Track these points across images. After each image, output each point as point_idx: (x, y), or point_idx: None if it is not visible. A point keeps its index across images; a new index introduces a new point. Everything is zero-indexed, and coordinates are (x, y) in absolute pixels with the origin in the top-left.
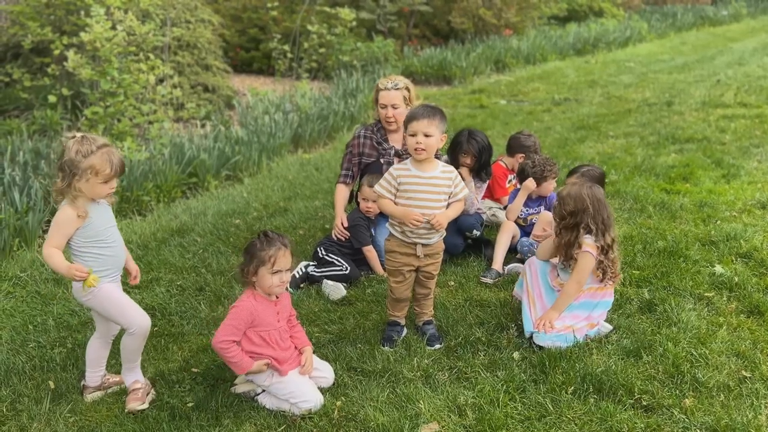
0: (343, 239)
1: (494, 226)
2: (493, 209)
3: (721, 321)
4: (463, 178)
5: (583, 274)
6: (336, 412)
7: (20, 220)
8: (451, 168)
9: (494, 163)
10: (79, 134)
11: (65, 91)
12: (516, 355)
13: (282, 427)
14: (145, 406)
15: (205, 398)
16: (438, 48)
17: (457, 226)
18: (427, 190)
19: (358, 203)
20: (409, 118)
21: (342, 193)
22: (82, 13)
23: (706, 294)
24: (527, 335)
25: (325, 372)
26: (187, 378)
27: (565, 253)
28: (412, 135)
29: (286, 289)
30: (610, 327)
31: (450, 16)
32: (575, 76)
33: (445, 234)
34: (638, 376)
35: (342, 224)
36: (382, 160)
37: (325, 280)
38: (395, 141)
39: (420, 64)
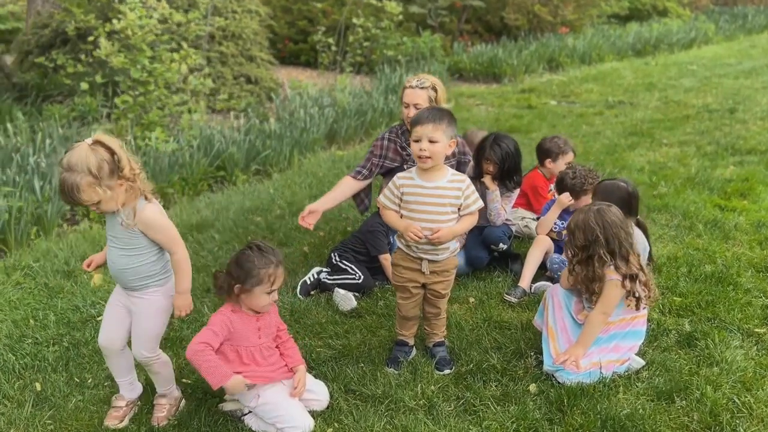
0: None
1: (525, 239)
2: (526, 220)
3: None
4: (486, 187)
5: (610, 305)
6: None
7: (39, 208)
8: (463, 177)
9: (532, 170)
10: (89, 140)
11: (99, 79)
12: (533, 387)
13: None
14: (121, 425)
15: (189, 415)
16: (489, 45)
17: (482, 239)
18: (432, 202)
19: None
20: (414, 122)
21: (346, 183)
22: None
23: (756, 330)
24: (546, 370)
25: (318, 394)
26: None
27: (587, 288)
28: (416, 140)
29: (298, 296)
30: (642, 362)
31: (504, 12)
32: (632, 78)
33: (457, 250)
34: (668, 424)
35: (311, 215)
36: (405, 167)
37: (336, 289)
38: None
39: (469, 60)
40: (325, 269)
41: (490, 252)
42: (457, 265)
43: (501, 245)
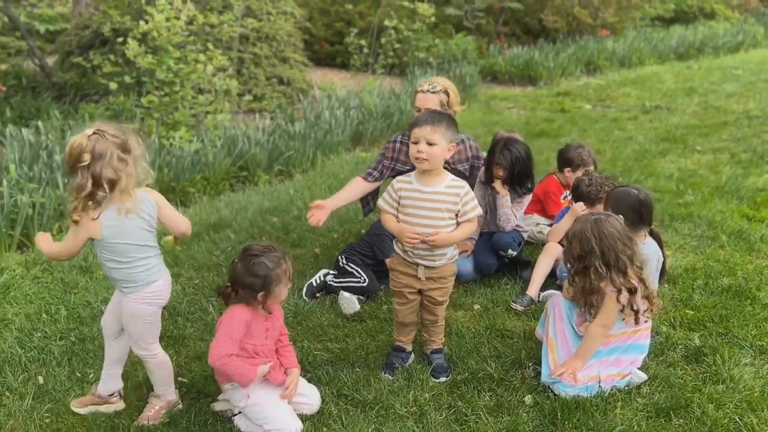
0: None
1: (539, 245)
2: (540, 226)
3: None
4: (496, 192)
5: (609, 318)
6: None
7: (62, 205)
8: (462, 183)
9: (548, 175)
10: (89, 131)
11: (128, 79)
12: (528, 399)
13: None
14: (81, 410)
15: (180, 413)
16: (525, 47)
17: (491, 244)
18: (429, 207)
19: None
20: (412, 124)
21: (356, 183)
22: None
23: None
24: (543, 382)
25: (310, 398)
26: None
27: (585, 300)
28: (415, 142)
29: (304, 298)
30: (644, 376)
31: (542, 14)
32: (672, 82)
33: (455, 257)
34: None
35: (319, 209)
36: None
37: (341, 292)
38: None
39: (504, 63)
40: (332, 271)
41: (500, 258)
42: (455, 272)
43: (510, 251)
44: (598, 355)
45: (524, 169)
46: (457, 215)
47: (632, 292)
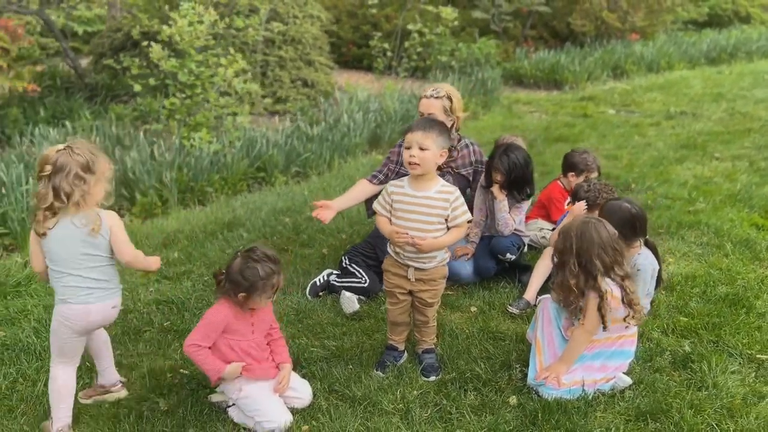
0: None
1: (543, 250)
2: (544, 231)
3: (766, 392)
4: (494, 196)
5: (593, 322)
6: None
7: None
8: (452, 189)
9: (552, 182)
10: (61, 145)
11: (151, 81)
12: (513, 399)
13: None
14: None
15: (179, 403)
16: (552, 51)
17: (490, 248)
18: (419, 211)
19: None
20: (405, 130)
21: (361, 185)
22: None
23: (759, 356)
24: (529, 384)
25: (301, 393)
26: (172, 379)
27: (564, 299)
28: (408, 147)
29: (307, 297)
30: (628, 381)
31: (570, 17)
32: (701, 87)
33: (446, 260)
34: None
35: (326, 209)
36: None
37: (343, 291)
38: None
39: (530, 67)
40: (335, 271)
41: (500, 262)
42: (446, 275)
43: (509, 255)
44: (582, 359)
45: (521, 175)
46: (446, 220)
47: (602, 297)
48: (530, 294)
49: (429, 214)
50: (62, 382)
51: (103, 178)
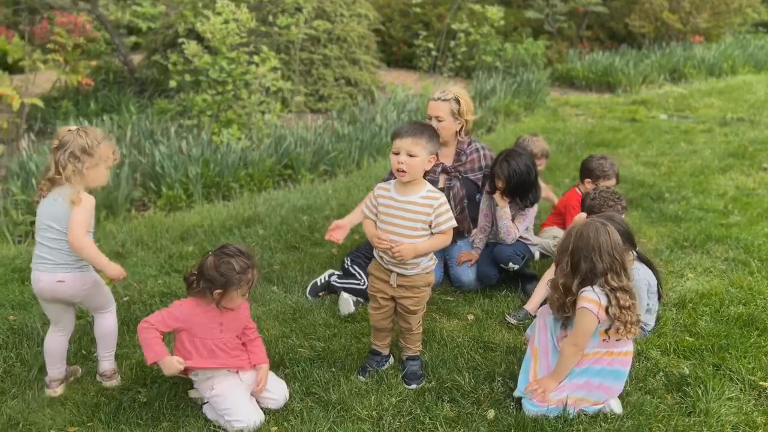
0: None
1: (555, 258)
2: (558, 239)
3: (761, 422)
4: (496, 203)
5: (582, 335)
6: None
7: (111, 194)
8: (438, 195)
9: (571, 189)
10: (73, 126)
11: (188, 77)
12: (491, 413)
13: None
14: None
15: (157, 396)
16: (607, 52)
17: (492, 256)
18: (401, 216)
19: None
20: (394, 135)
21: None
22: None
23: (762, 383)
24: (515, 395)
25: (275, 393)
26: (158, 371)
27: (552, 295)
28: (396, 153)
29: (307, 296)
30: (618, 410)
31: (628, 18)
32: (764, 93)
33: (430, 267)
34: None
35: (337, 230)
36: (426, 178)
37: (341, 293)
38: (444, 157)
39: (582, 68)
40: (337, 272)
41: (502, 270)
42: (431, 283)
43: (511, 264)
44: (570, 375)
45: (522, 182)
46: (431, 226)
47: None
48: (532, 305)
49: (412, 219)
50: (47, 345)
51: (102, 163)
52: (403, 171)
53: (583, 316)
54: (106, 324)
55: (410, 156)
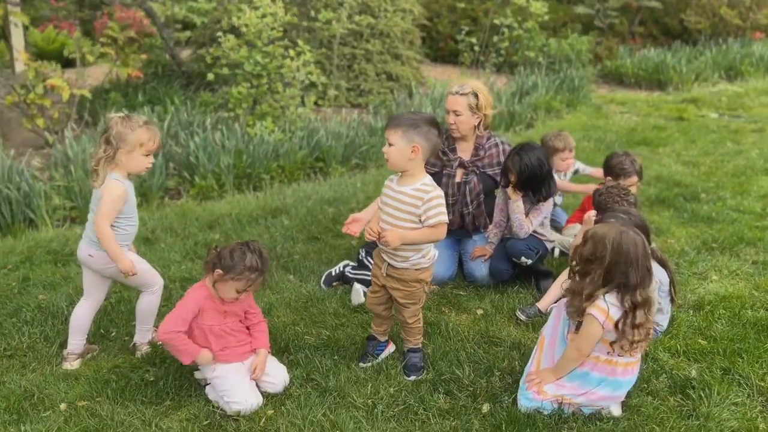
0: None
1: None
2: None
3: (763, 429)
4: (509, 197)
5: (586, 341)
6: (263, 420)
7: (146, 182)
8: (431, 189)
9: (600, 186)
10: (121, 113)
11: (226, 71)
12: (486, 407)
13: (207, 421)
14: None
15: (164, 375)
16: (659, 49)
17: (505, 250)
18: (393, 205)
19: None
20: (385, 124)
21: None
22: None
23: None
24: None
25: (274, 378)
26: (166, 352)
27: (572, 302)
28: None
29: (321, 286)
30: (618, 413)
31: (684, 14)
32: None
33: (421, 264)
34: None
35: (354, 222)
36: (444, 172)
37: (354, 283)
38: (463, 151)
39: (632, 65)
40: (352, 263)
41: (515, 266)
42: (422, 280)
43: (524, 259)
44: (570, 377)
45: (533, 176)
46: (420, 219)
47: (623, 320)
48: (545, 303)
49: (400, 210)
50: (73, 315)
51: (138, 150)
52: (386, 160)
53: (590, 323)
54: (145, 302)
55: (389, 145)
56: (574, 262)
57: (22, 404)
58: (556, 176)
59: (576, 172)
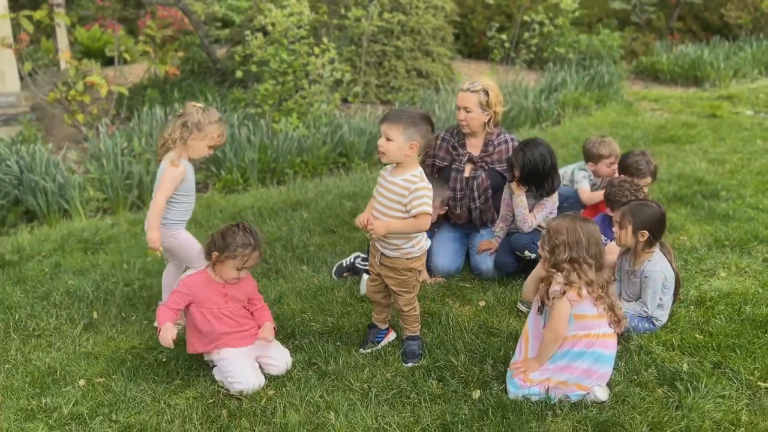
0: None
1: None
2: None
3: (745, 421)
4: (512, 191)
5: (557, 322)
6: (264, 400)
7: None
8: (419, 180)
9: None
10: (202, 104)
11: (254, 68)
12: (476, 393)
13: (212, 400)
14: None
15: (176, 356)
16: (696, 44)
17: (509, 244)
18: (384, 194)
19: None
20: (381, 118)
21: None
22: None
23: (760, 383)
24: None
25: (277, 361)
26: (180, 335)
27: (547, 291)
28: (381, 136)
29: (332, 276)
30: (603, 397)
31: (724, 9)
32: None
33: (412, 254)
34: None
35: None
36: (453, 166)
37: (363, 274)
38: (472, 147)
39: (668, 62)
40: (363, 255)
41: (520, 259)
42: (414, 269)
43: (527, 253)
44: (553, 358)
45: (536, 171)
46: (406, 208)
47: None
48: None
49: (389, 199)
50: (163, 277)
51: (207, 140)
52: (382, 153)
53: (559, 305)
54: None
55: (387, 140)
56: (547, 252)
57: (45, 379)
58: (596, 182)
59: None
